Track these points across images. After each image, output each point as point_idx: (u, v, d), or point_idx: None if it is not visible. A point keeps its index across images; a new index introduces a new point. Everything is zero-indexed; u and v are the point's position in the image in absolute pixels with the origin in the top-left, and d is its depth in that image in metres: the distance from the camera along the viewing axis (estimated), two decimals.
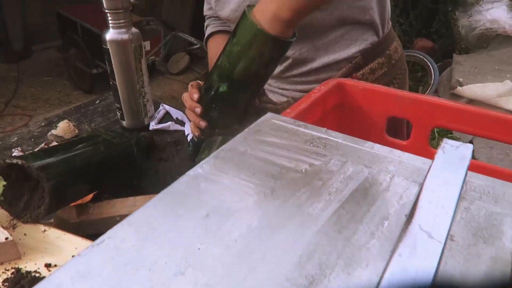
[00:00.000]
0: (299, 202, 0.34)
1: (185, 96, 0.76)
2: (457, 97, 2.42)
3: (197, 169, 0.38)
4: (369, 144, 0.42)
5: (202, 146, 0.71)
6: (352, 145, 0.42)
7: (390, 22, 0.86)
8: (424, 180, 0.30)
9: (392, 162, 0.39)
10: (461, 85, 2.46)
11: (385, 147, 0.41)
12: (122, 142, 0.72)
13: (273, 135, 0.44)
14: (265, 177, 0.37)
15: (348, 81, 0.61)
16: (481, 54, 2.86)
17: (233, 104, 0.68)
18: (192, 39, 3.08)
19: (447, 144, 0.34)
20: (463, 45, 3.02)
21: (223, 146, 0.42)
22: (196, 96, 0.71)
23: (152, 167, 0.81)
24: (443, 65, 2.90)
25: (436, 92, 2.67)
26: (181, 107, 0.95)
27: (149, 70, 3.88)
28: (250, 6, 0.63)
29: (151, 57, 3.30)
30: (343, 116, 0.63)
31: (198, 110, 0.71)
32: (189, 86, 0.76)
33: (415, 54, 2.76)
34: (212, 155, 0.40)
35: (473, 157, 0.37)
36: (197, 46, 3.11)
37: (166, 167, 0.81)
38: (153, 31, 3.25)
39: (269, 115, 0.49)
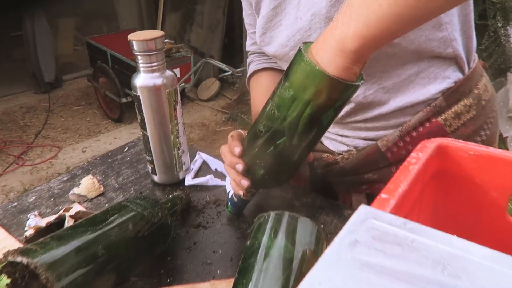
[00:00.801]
0: None
1: (224, 149, 0.65)
2: None
3: None
4: None
5: (254, 223, 0.57)
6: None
7: (476, 55, 0.71)
8: None
9: None
10: None
11: None
12: (155, 213, 0.59)
13: (379, 252, 0.30)
14: None
15: (452, 144, 0.47)
16: None
17: (284, 161, 0.57)
18: (223, 66, 3.01)
19: None
20: None
21: (305, 279, 0.28)
22: (238, 150, 0.60)
23: (189, 237, 0.68)
24: (495, 85, 2.68)
25: None
26: (213, 143, 0.82)
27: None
28: (307, 43, 0.50)
29: (181, 84, 3.25)
30: (445, 186, 0.49)
31: (240, 167, 0.60)
32: (229, 137, 0.64)
33: None
34: None
35: None
36: (228, 72, 3.03)
37: (206, 237, 0.68)
38: (183, 58, 3.22)
39: (363, 210, 0.35)
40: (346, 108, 0.70)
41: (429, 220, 0.50)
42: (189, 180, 0.81)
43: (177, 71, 3.21)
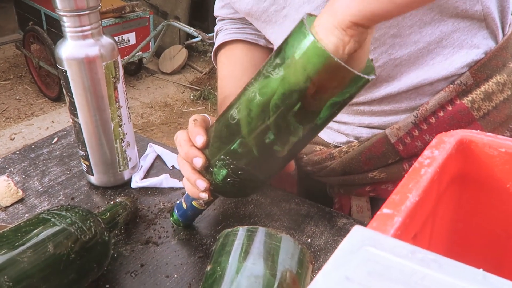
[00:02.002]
0: None
1: (180, 136, 0.62)
2: None
3: None
4: None
5: (216, 241, 0.54)
6: None
7: (511, 17, 0.69)
8: None
9: None
10: None
11: None
12: (87, 227, 0.56)
13: None
14: None
15: (478, 138, 0.44)
16: None
17: (262, 163, 0.55)
18: (190, 30, 2.95)
19: None
20: None
21: None
22: (201, 140, 0.58)
23: (135, 257, 0.65)
24: None
25: None
26: (179, 128, 0.79)
27: (135, 69, 3.81)
28: (312, 16, 0.49)
29: (137, 53, 3.19)
30: (467, 195, 0.46)
31: (200, 161, 0.58)
32: (191, 121, 0.62)
33: None
34: None
35: None
36: (198, 38, 2.97)
37: (157, 256, 0.65)
38: (140, 20, 3.15)
39: (357, 233, 0.31)
40: None
41: (446, 241, 0.48)
42: (137, 182, 0.78)
43: (132, 36, 3.15)
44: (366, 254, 0.30)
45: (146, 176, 0.81)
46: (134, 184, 0.78)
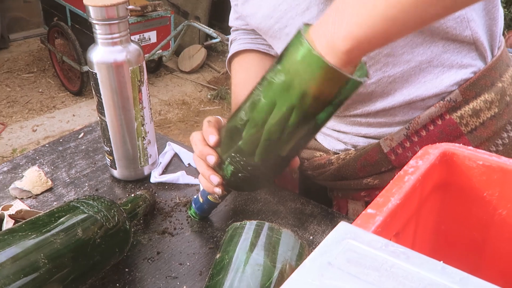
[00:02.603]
0: None
1: (196, 136, 0.68)
2: None
3: None
4: None
5: (226, 233, 0.60)
6: None
7: (503, 40, 0.73)
8: None
9: None
10: None
11: None
12: (111, 216, 0.62)
13: (353, 277, 0.33)
14: None
15: (460, 151, 0.49)
16: None
17: (267, 159, 0.60)
18: (210, 31, 3.01)
19: None
20: None
21: None
22: (213, 139, 0.64)
23: (152, 246, 0.71)
24: None
25: None
26: (195, 126, 0.85)
27: (155, 66, 3.87)
28: (308, 25, 0.53)
29: (157, 51, 3.25)
30: (449, 201, 0.52)
31: (212, 159, 0.64)
32: (205, 122, 0.68)
33: None
34: None
35: None
36: (217, 39, 3.03)
37: (172, 246, 0.71)
38: (161, 19, 3.21)
39: (342, 228, 0.38)
40: None
41: (428, 241, 0.53)
42: (155, 177, 0.84)
43: (153, 34, 3.21)
44: (347, 245, 0.36)
45: (164, 172, 0.87)
46: (153, 179, 0.84)
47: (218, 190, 0.66)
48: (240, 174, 0.62)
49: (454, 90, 0.68)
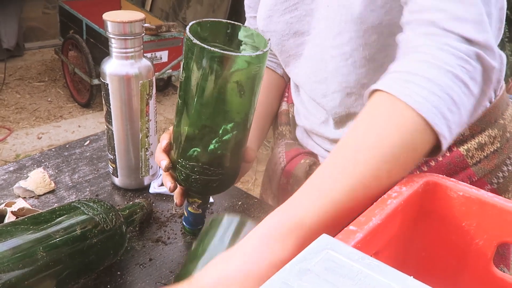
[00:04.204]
0: None
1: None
2: None
3: None
4: None
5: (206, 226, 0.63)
6: None
7: (503, 81, 0.78)
8: None
9: None
10: None
11: None
12: (109, 219, 0.65)
13: (329, 284, 0.36)
14: None
15: (442, 181, 0.52)
16: None
17: (208, 158, 0.64)
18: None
19: None
20: None
21: None
22: (163, 144, 0.69)
23: (145, 252, 0.73)
24: None
25: None
26: None
27: (163, 85, 3.89)
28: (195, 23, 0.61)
29: (167, 71, 3.31)
30: (430, 228, 0.55)
31: (163, 163, 0.68)
32: (168, 129, 0.73)
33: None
34: None
35: None
36: None
37: (164, 254, 0.73)
38: (174, 40, 3.28)
39: (323, 239, 0.40)
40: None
41: (408, 265, 0.56)
42: (154, 188, 0.87)
43: (165, 54, 3.26)
44: (326, 255, 0.39)
45: (163, 184, 0.90)
46: (152, 190, 0.87)
47: (175, 200, 0.71)
48: (192, 176, 0.66)
49: None
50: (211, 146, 0.63)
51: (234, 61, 0.57)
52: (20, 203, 0.78)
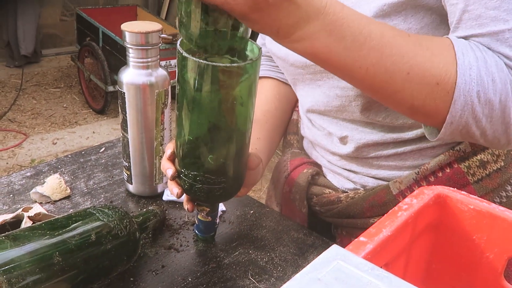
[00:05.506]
0: None
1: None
2: None
3: None
4: None
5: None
6: None
7: None
8: None
9: None
10: None
11: None
12: (123, 226, 0.66)
13: None
14: None
15: (453, 194, 0.53)
16: None
17: (209, 167, 0.65)
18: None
19: None
20: None
21: None
22: (168, 152, 0.70)
23: (158, 259, 0.74)
24: None
25: None
26: None
27: (172, 95, 3.94)
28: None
29: None
30: (440, 241, 0.55)
31: (169, 172, 0.69)
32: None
33: None
34: None
35: None
36: None
37: (177, 261, 0.74)
38: None
39: (333, 250, 0.41)
40: (358, 142, 0.76)
41: (418, 277, 0.56)
42: (168, 195, 0.88)
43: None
44: (336, 265, 0.39)
45: None
46: (165, 197, 0.88)
47: (185, 206, 0.72)
48: (196, 185, 0.66)
49: (464, 141, 0.72)
50: (211, 156, 0.64)
51: (225, 71, 0.57)
52: (36, 208, 0.79)
